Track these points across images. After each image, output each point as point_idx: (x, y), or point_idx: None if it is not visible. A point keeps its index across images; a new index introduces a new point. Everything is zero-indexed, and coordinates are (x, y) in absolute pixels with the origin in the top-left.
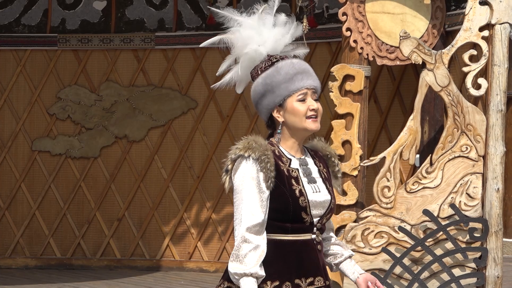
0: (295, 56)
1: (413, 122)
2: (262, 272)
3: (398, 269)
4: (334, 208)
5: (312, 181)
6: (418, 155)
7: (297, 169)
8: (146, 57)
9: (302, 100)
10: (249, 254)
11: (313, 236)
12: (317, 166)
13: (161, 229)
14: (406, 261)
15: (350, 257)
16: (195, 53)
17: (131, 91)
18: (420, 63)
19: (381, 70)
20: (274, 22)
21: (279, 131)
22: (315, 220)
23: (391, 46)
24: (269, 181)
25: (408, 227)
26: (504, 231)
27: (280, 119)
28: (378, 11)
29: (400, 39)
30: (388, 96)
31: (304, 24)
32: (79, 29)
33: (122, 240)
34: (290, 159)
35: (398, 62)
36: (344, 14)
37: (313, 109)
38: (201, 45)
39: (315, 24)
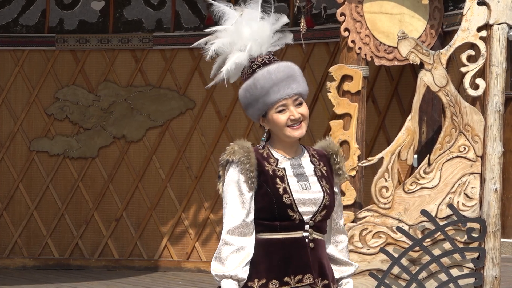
0: (274, 59)
1: (411, 123)
2: (242, 275)
3: (396, 270)
4: (330, 206)
5: (302, 179)
6: (416, 156)
7: (284, 169)
8: (144, 57)
9: (282, 111)
10: (230, 256)
11: (305, 233)
12: (313, 165)
13: (159, 229)
14: (404, 261)
15: (350, 275)
16: (193, 54)
17: (129, 91)
18: (418, 63)
19: (379, 70)
20: (257, 19)
21: (263, 138)
22: (306, 217)
23: (389, 46)
24: (250, 182)
25: (406, 227)
26: (502, 231)
27: (266, 127)
28: (376, 12)
29: (398, 40)
30: (386, 96)
31: (302, 24)
32: (77, 29)
33: (120, 240)
34: (278, 159)
35: (396, 63)
36: (342, 14)
37: (293, 119)
38: (192, 46)
39: (312, 25)
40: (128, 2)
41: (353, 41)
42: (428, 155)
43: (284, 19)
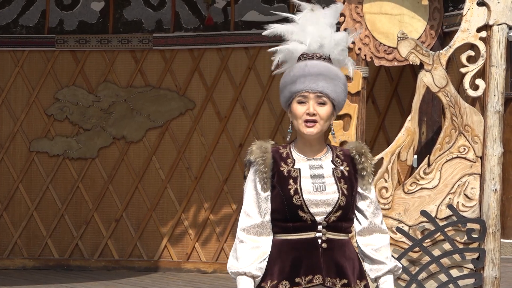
0: (324, 59)
1: (411, 123)
2: (257, 272)
3: None
4: (346, 207)
5: (318, 180)
6: (415, 156)
7: (299, 169)
8: (144, 58)
9: (302, 103)
10: (245, 253)
11: (318, 234)
12: (335, 165)
13: (159, 230)
14: (404, 262)
15: (386, 273)
16: (193, 54)
17: (129, 92)
18: (418, 64)
19: (379, 71)
20: (329, 24)
21: (289, 130)
22: (319, 218)
23: (389, 47)
24: (263, 182)
25: (406, 228)
26: (502, 232)
27: (290, 119)
28: (376, 12)
29: (398, 40)
30: (386, 97)
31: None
32: (77, 30)
33: (120, 241)
34: (295, 160)
35: (396, 63)
36: (342, 15)
37: (309, 113)
38: (264, 33)
39: None
40: (128, 2)
41: (353, 42)
42: (428, 155)
43: (346, 40)
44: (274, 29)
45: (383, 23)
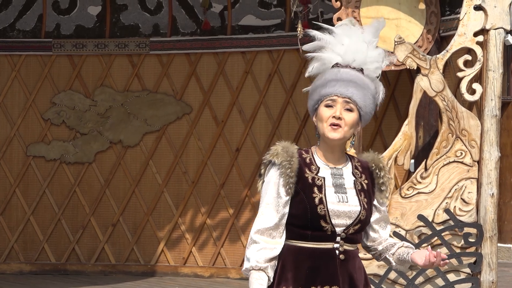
0: (357, 70)
1: (408, 127)
2: (268, 270)
3: (393, 274)
4: (365, 220)
5: (340, 191)
6: (412, 160)
7: (324, 178)
8: (141, 62)
9: (329, 106)
10: (257, 252)
11: (336, 245)
12: (355, 177)
13: (156, 234)
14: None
15: (402, 245)
16: (189, 58)
17: (125, 96)
18: (415, 68)
19: None
20: (366, 39)
21: (317, 135)
22: (338, 229)
23: (386, 51)
24: (288, 187)
25: (403, 232)
26: (499, 236)
27: (315, 123)
28: (373, 16)
29: (395, 44)
30: (382, 101)
31: (299, 29)
32: (73, 34)
33: (117, 246)
34: (319, 168)
35: (392, 67)
36: (339, 19)
37: (335, 117)
38: (304, 48)
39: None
40: (125, 7)
41: None
42: (425, 160)
43: (384, 58)
44: (314, 35)
45: None
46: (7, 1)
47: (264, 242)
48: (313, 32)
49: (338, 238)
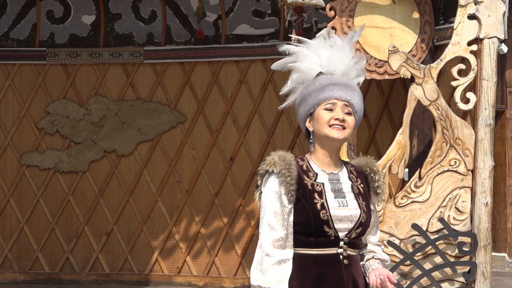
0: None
1: (402, 136)
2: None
3: None
4: (366, 223)
5: (340, 195)
6: (407, 169)
7: (323, 184)
8: (135, 71)
9: (330, 110)
10: (272, 268)
11: (340, 250)
12: (351, 181)
13: (150, 243)
14: (395, 275)
15: (378, 259)
16: (184, 67)
17: (120, 105)
18: (409, 77)
19: (370, 84)
20: (343, 49)
21: (311, 140)
22: (341, 234)
23: (380, 60)
24: (289, 195)
25: (397, 241)
26: (493, 245)
27: (310, 128)
28: (367, 26)
29: (389, 54)
30: (377, 110)
31: (293, 38)
32: (68, 43)
33: (111, 255)
34: (317, 174)
35: (387, 77)
36: (333, 28)
37: (337, 119)
38: (272, 67)
39: None
40: (119, 16)
41: None
42: (419, 169)
43: (363, 62)
44: (287, 49)
45: (374, 36)
46: (1, 10)
47: (278, 254)
48: (285, 47)
49: (341, 243)
